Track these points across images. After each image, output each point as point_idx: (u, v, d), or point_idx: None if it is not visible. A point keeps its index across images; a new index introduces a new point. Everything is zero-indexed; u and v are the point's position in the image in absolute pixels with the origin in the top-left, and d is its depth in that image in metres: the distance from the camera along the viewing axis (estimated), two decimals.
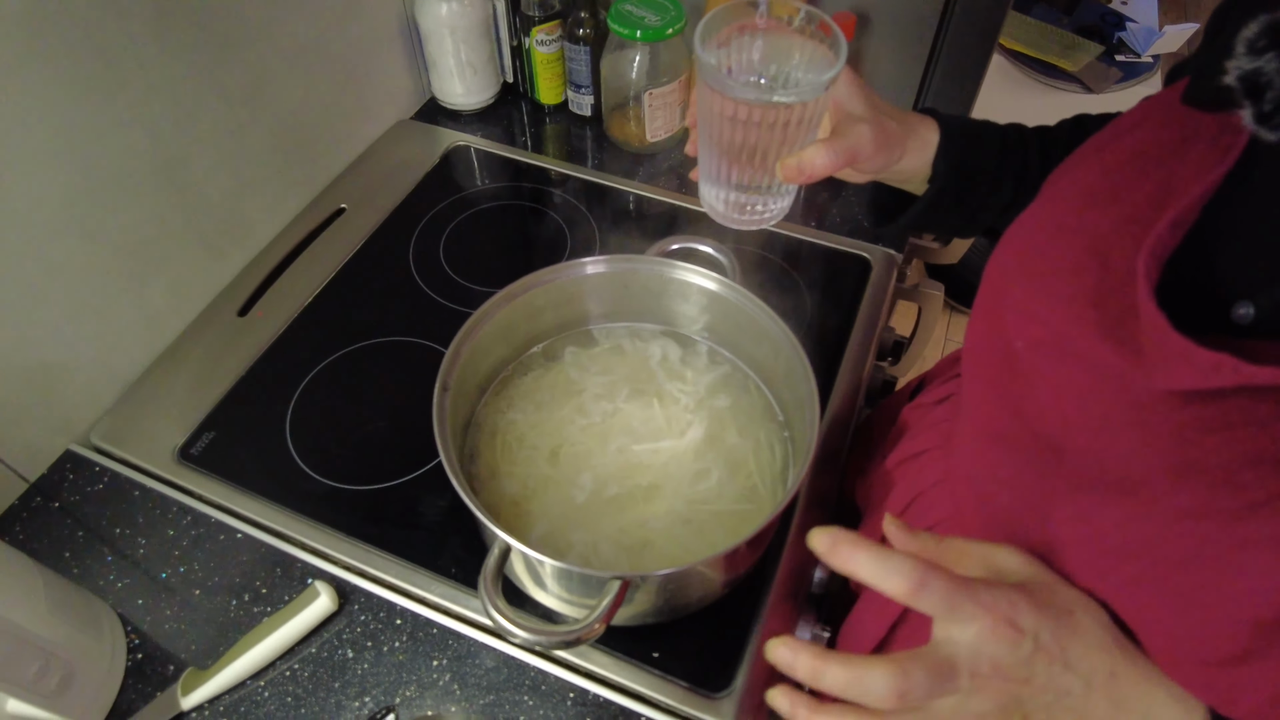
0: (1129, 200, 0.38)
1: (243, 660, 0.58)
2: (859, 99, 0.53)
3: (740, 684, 0.58)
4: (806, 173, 0.51)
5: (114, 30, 0.65)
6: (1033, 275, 0.42)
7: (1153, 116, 0.41)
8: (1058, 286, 0.40)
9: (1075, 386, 0.39)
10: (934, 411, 0.63)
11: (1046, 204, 0.44)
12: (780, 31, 0.51)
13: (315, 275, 0.84)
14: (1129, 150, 0.41)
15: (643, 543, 0.59)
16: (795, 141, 0.51)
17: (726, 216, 0.58)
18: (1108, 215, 0.39)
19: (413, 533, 0.66)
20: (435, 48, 0.96)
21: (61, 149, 0.64)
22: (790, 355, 0.59)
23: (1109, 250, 0.38)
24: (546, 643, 0.48)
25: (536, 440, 0.64)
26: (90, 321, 0.71)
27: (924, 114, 0.58)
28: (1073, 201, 0.42)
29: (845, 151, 0.51)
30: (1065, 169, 0.45)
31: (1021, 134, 0.59)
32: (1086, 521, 0.40)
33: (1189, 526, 0.35)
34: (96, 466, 0.71)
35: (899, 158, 0.55)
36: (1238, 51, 0.32)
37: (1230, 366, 0.31)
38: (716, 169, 0.54)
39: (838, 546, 0.38)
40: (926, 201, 0.58)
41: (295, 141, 0.87)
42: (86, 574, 0.64)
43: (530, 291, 0.64)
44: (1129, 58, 1.78)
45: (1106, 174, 0.41)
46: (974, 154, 0.57)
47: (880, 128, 0.53)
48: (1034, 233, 0.44)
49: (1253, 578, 0.33)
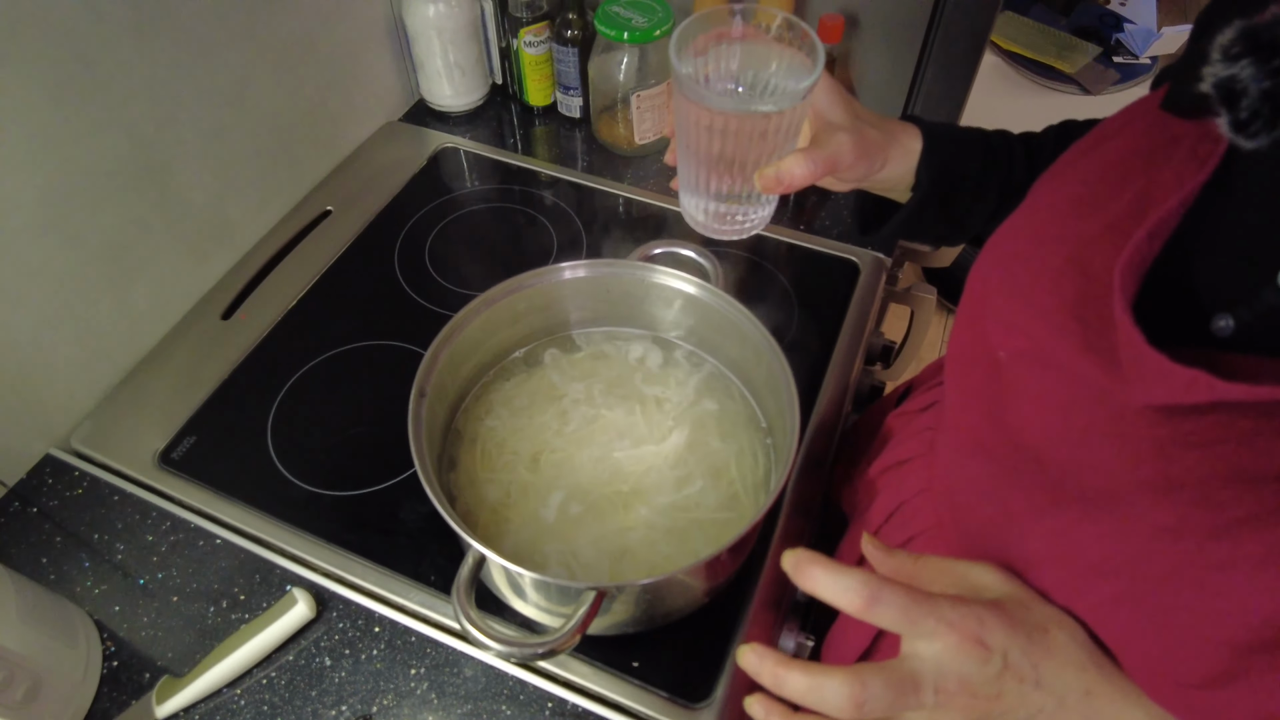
0: (1110, 208, 0.37)
1: (219, 668, 0.57)
2: (839, 107, 0.52)
3: (721, 694, 0.58)
4: (785, 183, 0.51)
5: (92, 32, 0.64)
6: (1014, 284, 0.41)
7: (1135, 122, 0.40)
8: (1039, 296, 0.39)
9: (1056, 398, 0.38)
10: (918, 419, 0.63)
11: (1029, 211, 0.44)
12: (758, 39, 0.51)
13: (300, 278, 0.84)
14: (1111, 157, 0.40)
15: (622, 550, 0.58)
16: (774, 151, 0.51)
17: (707, 226, 0.57)
18: (1089, 223, 0.38)
19: (392, 539, 0.65)
20: (423, 49, 0.95)
21: (38, 151, 0.63)
22: (771, 360, 0.58)
23: (1090, 259, 0.37)
24: (519, 654, 0.47)
25: (516, 446, 0.63)
26: (71, 325, 0.71)
27: (907, 121, 0.57)
28: (1055, 209, 0.41)
29: (824, 161, 0.51)
30: (1049, 176, 0.44)
31: (1006, 141, 0.59)
32: (1066, 537, 0.39)
33: (1167, 544, 0.34)
34: (76, 471, 0.70)
35: (881, 166, 0.55)
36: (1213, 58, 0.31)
37: (1205, 383, 0.30)
38: (695, 179, 0.54)
39: (800, 566, 0.39)
40: (910, 210, 0.57)
41: (280, 143, 0.87)
42: (64, 580, 0.64)
43: (510, 296, 0.63)
44: (1127, 59, 1.77)
45: (1088, 182, 0.40)
46: (957, 162, 0.56)
47: (861, 136, 0.52)
48: (1016, 240, 0.43)
49: (1230, 599, 0.32)
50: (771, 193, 0.52)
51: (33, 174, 0.63)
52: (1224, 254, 0.35)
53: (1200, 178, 0.34)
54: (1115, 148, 0.40)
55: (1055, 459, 0.39)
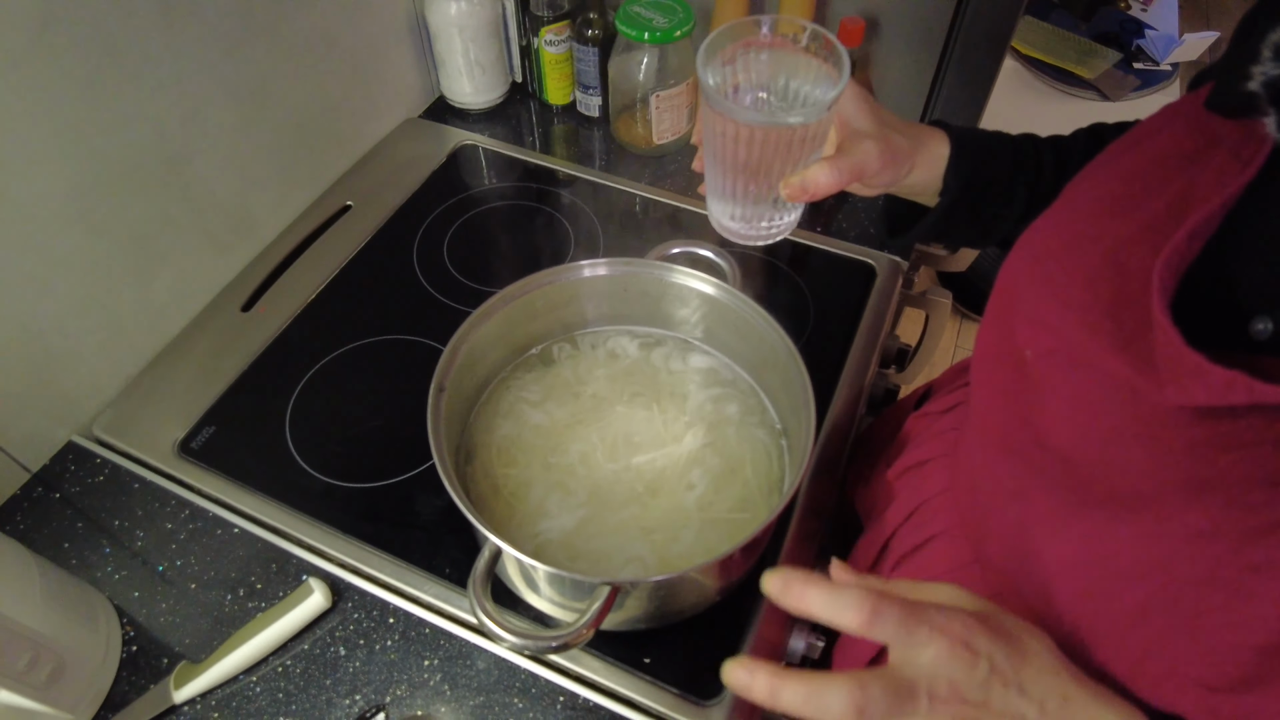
0: (1148, 209, 0.37)
1: (235, 655, 0.58)
2: (865, 114, 0.53)
3: (731, 692, 0.58)
4: (810, 191, 0.51)
5: (121, 25, 0.65)
6: (1046, 283, 0.41)
7: (1174, 123, 0.40)
8: (1071, 295, 0.39)
9: (1086, 397, 0.38)
10: (940, 421, 0.62)
11: (1063, 210, 0.44)
12: (784, 49, 0.51)
13: (319, 272, 0.84)
14: (1149, 157, 0.40)
15: (636, 547, 0.59)
16: (800, 160, 0.51)
17: (734, 232, 0.58)
18: (1126, 224, 0.38)
19: (408, 532, 0.66)
20: (444, 46, 0.96)
21: (67, 143, 0.64)
22: (788, 362, 0.58)
23: (1126, 260, 0.37)
24: (533, 647, 0.48)
25: (532, 442, 0.64)
26: (95, 314, 0.72)
27: (934, 126, 0.57)
28: (1090, 209, 0.41)
29: (849, 169, 0.51)
30: (1084, 175, 0.44)
31: (1035, 145, 0.59)
32: (1096, 541, 0.39)
33: (1202, 548, 0.34)
34: (98, 458, 0.71)
35: (907, 173, 0.55)
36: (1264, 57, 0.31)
37: (1244, 384, 0.30)
38: (722, 186, 0.54)
39: (789, 587, 0.38)
40: (937, 214, 0.57)
41: (302, 138, 0.88)
42: (85, 565, 0.65)
43: (529, 293, 0.64)
44: (1147, 65, 1.76)
45: (1125, 181, 0.40)
46: (986, 167, 0.56)
47: (886, 144, 0.52)
48: (1049, 239, 0.43)
49: (1264, 602, 0.32)
50: (797, 201, 0.53)
51: (62, 166, 0.64)
52: (1265, 256, 0.34)
53: (1243, 179, 0.33)
54: (1154, 148, 0.40)
55: (1084, 459, 0.39)
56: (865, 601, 0.36)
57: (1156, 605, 0.37)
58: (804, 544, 0.66)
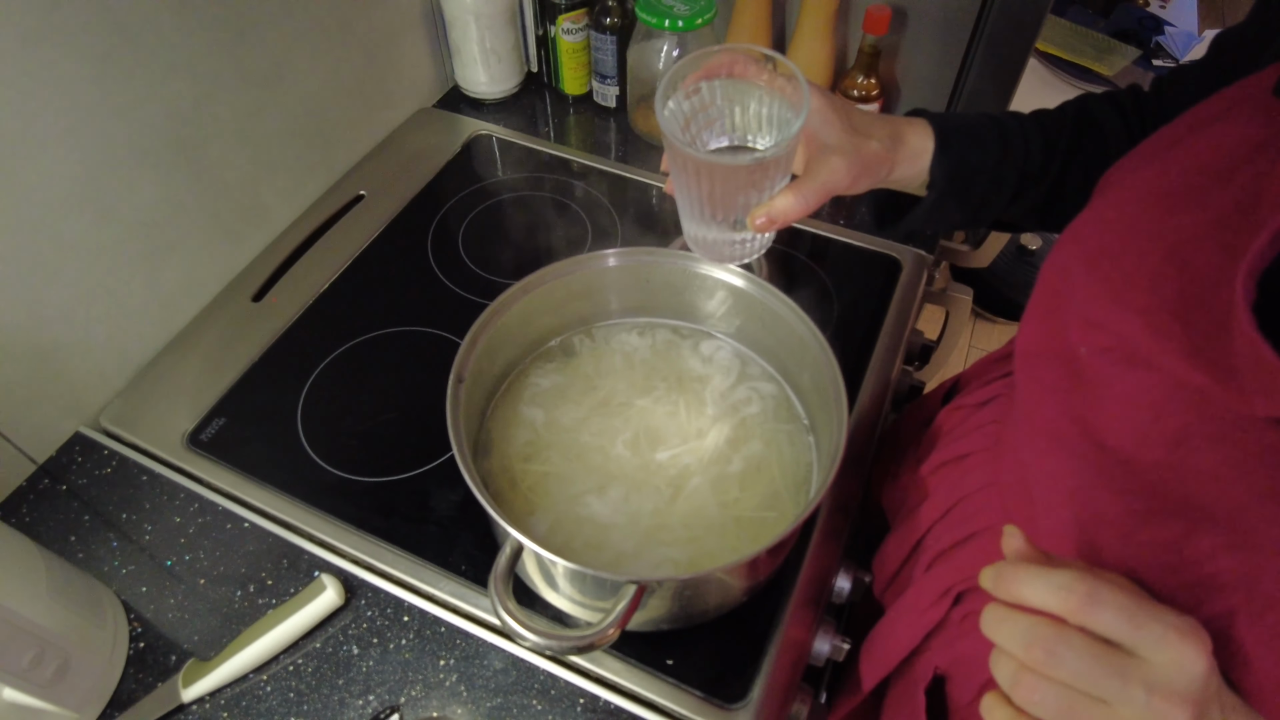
0: (1213, 204, 0.35)
1: (246, 653, 0.56)
2: (833, 126, 0.51)
3: (757, 695, 0.56)
4: (778, 222, 0.51)
5: (133, 5, 0.63)
6: (1101, 280, 0.39)
7: (1237, 109, 0.38)
8: (1132, 296, 0.37)
9: (1148, 398, 0.36)
10: (977, 414, 0.60)
11: (1114, 204, 0.42)
12: (746, 77, 0.51)
13: (331, 262, 0.83)
14: (1210, 147, 0.38)
15: (660, 545, 0.57)
16: (766, 188, 0.51)
17: (709, 253, 0.59)
18: (1188, 220, 0.36)
19: (423, 527, 0.64)
20: (459, 34, 0.94)
21: (76, 125, 0.63)
22: (818, 355, 0.57)
23: (1191, 257, 0.35)
24: (558, 647, 0.46)
25: (552, 437, 0.62)
26: (103, 302, 0.70)
27: (914, 116, 0.55)
28: (1145, 202, 0.39)
29: (816, 193, 0.50)
30: (1132, 165, 0.42)
31: (1021, 124, 0.57)
32: (1174, 550, 0.37)
33: None
34: (105, 450, 0.69)
35: (886, 175, 0.53)
36: None
37: None
38: (691, 211, 0.55)
39: (1002, 576, 0.36)
40: (926, 207, 0.56)
41: (315, 126, 0.86)
42: (91, 559, 0.63)
43: (549, 283, 0.62)
44: (1166, 62, 1.73)
45: (1185, 174, 0.38)
46: (972, 156, 0.55)
47: (856, 155, 0.51)
48: (1102, 234, 0.41)
49: None
50: (764, 232, 0.52)
51: (72, 148, 0.63)
52: None
53: None
54: (1214, 137, 0.38)
55: (1148, 460, 0.37)
56: (1082, 583, 0.33)
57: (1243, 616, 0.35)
58: (830, 542, 0.64)
